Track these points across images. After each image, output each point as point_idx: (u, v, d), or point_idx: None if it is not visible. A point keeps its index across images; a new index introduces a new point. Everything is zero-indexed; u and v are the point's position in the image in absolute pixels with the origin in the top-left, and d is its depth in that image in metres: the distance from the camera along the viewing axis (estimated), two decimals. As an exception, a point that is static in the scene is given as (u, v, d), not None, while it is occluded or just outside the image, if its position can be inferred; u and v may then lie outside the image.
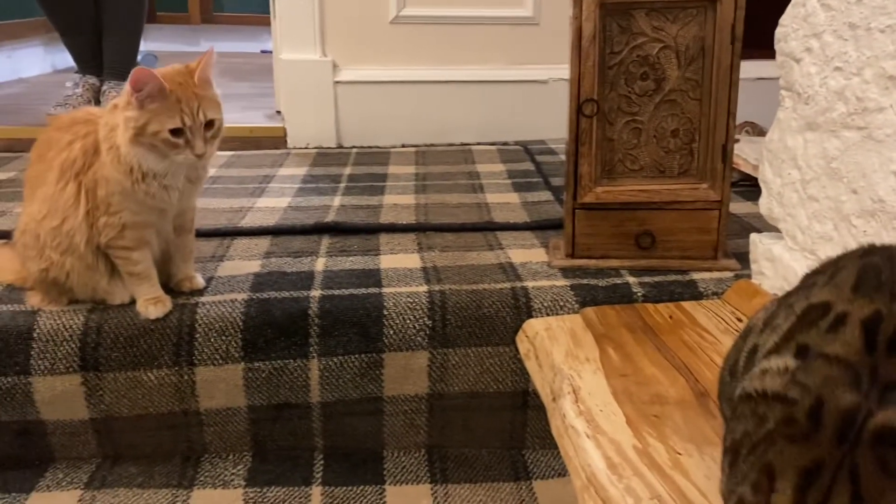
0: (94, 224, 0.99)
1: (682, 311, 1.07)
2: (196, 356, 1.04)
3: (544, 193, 1.59)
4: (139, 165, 0.95)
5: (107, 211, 0.98)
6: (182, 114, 0.93)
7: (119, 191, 0.97)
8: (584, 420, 0.82)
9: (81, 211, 0.98)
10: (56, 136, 1.01)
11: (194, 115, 0.93)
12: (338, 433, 1.11)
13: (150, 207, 0.99)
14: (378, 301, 1.09)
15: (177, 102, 0.93)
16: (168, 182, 0.98)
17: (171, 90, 0.93)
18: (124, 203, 0.98)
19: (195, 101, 0.94)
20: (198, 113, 0.94)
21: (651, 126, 1.15)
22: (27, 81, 3.23)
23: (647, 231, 1.18)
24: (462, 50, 2.10)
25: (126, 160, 0.95)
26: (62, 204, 0.98)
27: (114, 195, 0.97)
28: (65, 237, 0.99)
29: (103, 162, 0.96)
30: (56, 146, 1.00)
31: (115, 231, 0.99)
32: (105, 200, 0.97)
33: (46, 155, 1.01)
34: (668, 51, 1.12)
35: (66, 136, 1.00)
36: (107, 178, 0.97)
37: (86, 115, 1.02)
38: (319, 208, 1.50)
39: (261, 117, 2.25)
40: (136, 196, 0.97)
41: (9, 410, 1.03)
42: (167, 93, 0.92)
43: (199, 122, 0.94)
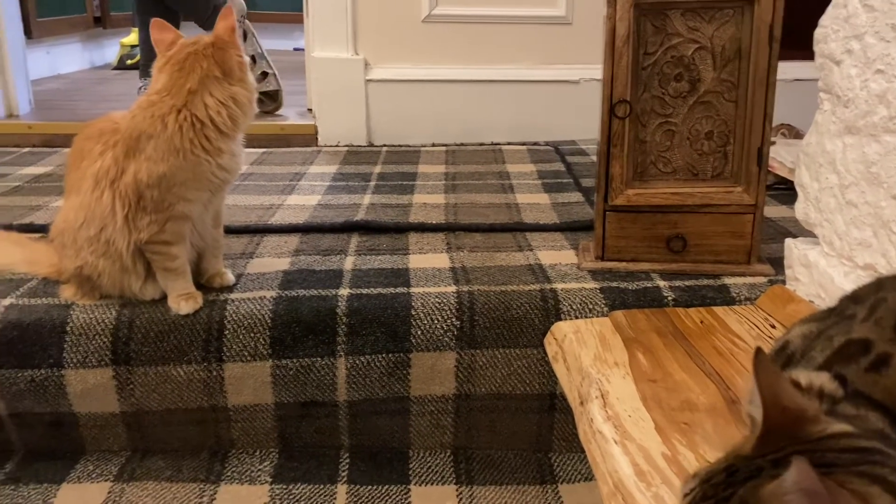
0: (133, 226, 1.00)
1: (714, 316, 1.06)
2: (225, 352, 1.05)
3: (574, 194, 1.57)
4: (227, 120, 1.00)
5: (157, 209, 0.99)
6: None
7: (183, 179, 0.99)
8: (611, 425, 0.81)
9: (120, 216, 0.99)
10: (87, 146, 1.03)
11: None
12: (364, 432, 1.11)
13: (210, 186, 1.02)
14: (406, 301, 1.09)
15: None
16: (235, 147, 1.03)
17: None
18: (182, 192, 1.00)
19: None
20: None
21: (685, 128, 1.13)
22: (65, 78, 3.29)
23: (679, 234, 1.16)
24: (494, 49, 2.09)
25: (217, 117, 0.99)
26: (100, 212, 1.00)
27: (174, 188, 0.99)
28: (103, 244, 1.01)
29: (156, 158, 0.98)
30: (89, 156, 1.02)
31: (157, 227, 1.00)
32: (159, 198, 0.99)
33: (81, 164, 1.03)
34: (703, 52, 1.10)
35: (96, 146, 1.02)
36: (162, 174, 0.98)
37: (111, 125, 1.03)
38: (349, 206, 1.51)
39: (293, 115, 2.26)
40: (206, 175, 1.01)
41: (42, 402, 1.05)
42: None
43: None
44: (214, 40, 1.01)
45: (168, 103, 0.98)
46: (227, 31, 1.02)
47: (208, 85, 0.99)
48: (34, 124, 2.15)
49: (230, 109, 1.00)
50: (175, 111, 0.98)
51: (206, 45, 1.01)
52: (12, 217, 1.43)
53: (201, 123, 0.98)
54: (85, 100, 2.67)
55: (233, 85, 1.01)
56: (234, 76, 1.01)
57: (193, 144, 0.98)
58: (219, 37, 1.01)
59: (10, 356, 1.03)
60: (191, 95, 0.98)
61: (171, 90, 0.98)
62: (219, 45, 1.01)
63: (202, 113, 0.98)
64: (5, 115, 2.18)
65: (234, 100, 1.00)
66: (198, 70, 0.99)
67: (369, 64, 2.08)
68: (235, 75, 1.01)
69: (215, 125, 0.99)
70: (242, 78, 1.02)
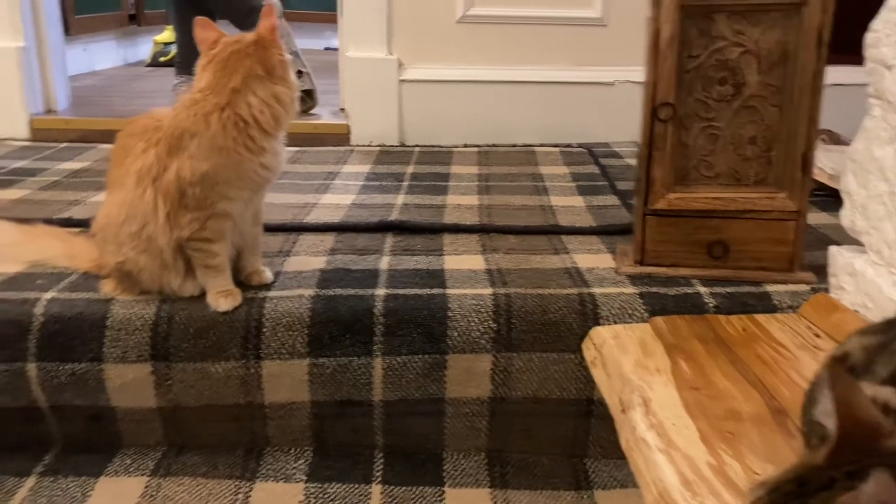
0: (175, 223, 1.01)
1: (756, 324, 1.04)
2: (263, 350, 1.05)
3: (610, 197, 1.56)
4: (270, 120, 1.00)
5: (199, 206, 1.00)
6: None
7: (226, 178, 0.99)
8: (655, 433, 0.79)
9: (161, 214, 1.00)
10: (130, 142, 1.04)
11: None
12: (398, 432, 1.11)
13: (252, 185, 1.03)
14: (443, 302, 1.09)
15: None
16: (277, 146, 1.04)
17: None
18: (228, 190, 1.00)
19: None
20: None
21: (728, 132, 1.12)
22: (100, 74, 3.33)
23: (720, 240, 1.14)
24: (528, 50, 2.08)
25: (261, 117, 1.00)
26: (142, 209, 1.01)
27: (216, 186, 0.99)
28: (144, 240, 1.02)
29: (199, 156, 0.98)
30: (132, 153, 1.03)
31: (199, 224, 1.01)
32: (200, 196, 0.99)
33: (124, 161, 1.04)
34: (748, 55, 1.09)
35: (139, 143, 1.03)
36: (204, 172, 0.98)
37: (154, 122, 1.04)
38: (383, 206, 1.51)
39: (326, 114, 2.27)
40: (248, 173, 1.01)
41: (81, 395, 1.06)
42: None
43: None
44: (257, 39, 1.01)
45: (211, 102, 0.98)
46: (269, 30, 1.02)
47: (251, 84, 0.99)
48: (71, 120, 2.17)
49: (273, 108, 1.00)
50: (219, 110, 0.98)
51: (249, 44, 1.01)
52: (52, 211, 1.45)
53: (244, 122, 0.98)
54: (120, 96, 2.70)
55: (275, 84, 1.01)
56: (277, 75, 1.01)
57: (237, 143, 0.98)
58: (261, 35, 1.02)
59: (51, 349, 1.04)
60: (234, 94, 0.98)
61: (215, 89, 0.99)
62: (261, 43, 1.01)
63: (245, 112, 0.98)
64: (44, 110, 2.21)
65: (276, 98, 1.01)
66: (241, 69, 0.99)
67: (403, 64, 2.08)
68: (278, 74, 1.01)
69: (258, 124, 0.99)
70: (284, 77, 1.03)
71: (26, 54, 2.11)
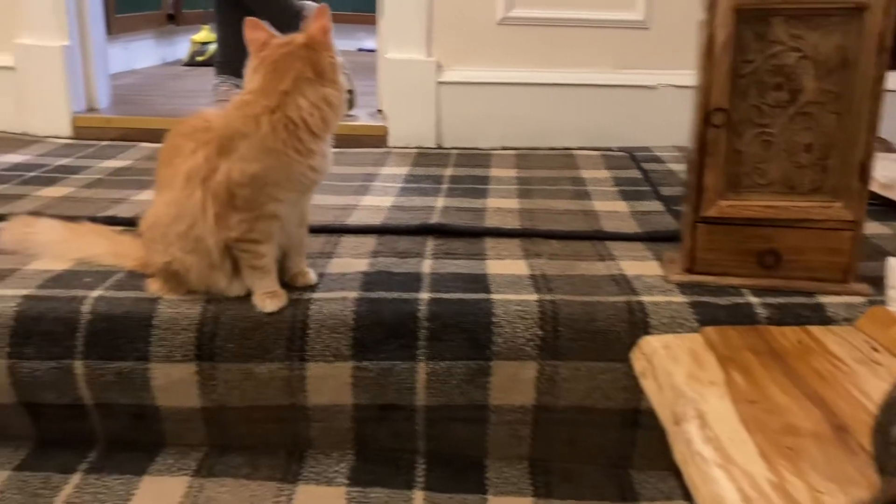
0: (223, 224, 1.01)
1: (811, 336, 1.01)
2: (307, 352, 1.05)
3: (654, 203, 1.54)
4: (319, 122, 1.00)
5: (248, 207, 0.99)
6: None
7: (275, 180, 0.99)
8: (712, 448, 0.77)
9: (210, 214, 1.00)
10: (180, 142, 1.04)
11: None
12: (441, 438, 1.10)
13: (300, 187, 1.03)
14: (487, 307, 1.07)
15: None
16: (326, 148, 1.03)
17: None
18: (276, 192, 1.00)
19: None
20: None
21: (782, 139, 1.09)
22: (139, 73, 3.37)
23: (772, 249, 1.12)
24: (569, 52, 2.06)
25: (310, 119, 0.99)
26: (190, 209, 1.01)
27: (266, 187, 0.99)
28: (192, 240, 1.02)
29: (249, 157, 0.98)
30: (181, 153, 1.03)
31: (247, 225, 1.01)
32: (250, 197, 0.99)
33: (173, 161, 1.04)
34: (806, 61, 1.06)
35: (189, 143, 1.03)
36: (254, 174, 0.98)
37: (203, 123, 1.04)
38: (423, 209, 1.50)
39: (363, 115, 2.27)
40: (297, 176, 1.01)
41: (127, 394, 1.07)
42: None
43: None
44: (308, 41, 1.01)
45: (262, 104, 0.98)
46: (320, 32, 1.02)
47: (301, 86, 0.99)
48: (113, 118, 2.20)
49: (322, 111, 1.00)
50: (269, 112, 0.98)
51: (299, 46, 1.01)
52: (95, 209, 1.46)
53: (294, 125, 0.98)
54: (160, 95, 2.72)
55: (325, 86, 1.01)
56: (327, 77, 1.01)
57: (286, 145, 0.98)
58: (312, 37, 1.01)
59: (98, 347, 1.05)
60: (284, 96, 0.98)
61: (265, 91, 0.99)
62: (312, 45, 1.01)
63: (295, 114, 0.98)
64: (86, 108, 2.24)
65: (326, 101, 1.00)
66: (291, 71, 0.99)
67: (442, 66, 2.07)
68: (328, 76, 1.01)
69: (308, 126, 0.99)
70: (334, 79, 1.02)
71: (70, 53, 2.14)
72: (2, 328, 1.05)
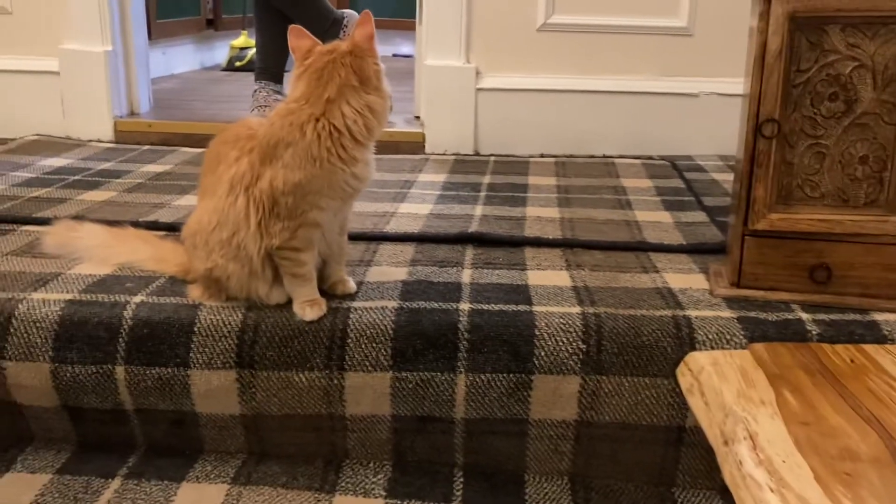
0: (266, 232, 1.00)
1: (865, 354, 0.98)
2: (347, 361, 1.04)
3: (698, 214, 1.50)
4: (363, 129, 1.00)
5: (290, 215, 0.99)
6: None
7: (318, 188, 0.99)
8: (764, 471, 0.75)
9: (253, 222, 1.00)
10: (224, 150, 1.04)
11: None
12: (479, 451, 1.08)
13: (342, 194, 1.02)
14: (529, 319, 1.06)
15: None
16: (369, 156, 1.03)
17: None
18: (319, 200, 1.00)
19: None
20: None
21: (837, 151, 1.06)
22: (179, 77, 3.41)
23: (824, 264, 1.08)
24: (609, 59, 2.04)
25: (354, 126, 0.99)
26: (233, 217, 1.01)
27: (308, 195, 0.99)
28: (234, 248, 1.02)
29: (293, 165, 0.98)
30: (225, 161, 1.03)
31: (289, 233, 1.00)
32: (293, 205, 0.99)
33: (216, 168, 1.04)
34: (862, 70, 1.03)
35: (232, 151, 1.03)
36: (297, 182, 0.98)
37: (247, 131, 1.04)
38: (461, 217, 1.49)
39: (400, 122, 2.26)
40: (340, 184, 1.00)
41: (166, 400, 1.07)
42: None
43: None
44: (352, 48, 1.01)
45: (306, 112, 0.98)
46: (365, 39, 1.01)
47: (346, 94, 0.98)
48: (154, 122, 2.22)
49: (366, 119, 0.99)
50: (313, 120, 0.97)
51: (343, 54, 1.00)
52: (137, 214, 1.47)
53: (339, 133, 0.97)
54: (199, 100, 2.75)
55: (369, 94, 1.00)
56: (371, 85, 1.00)
57: (330, 153, 0.97)
58: (357, 45, 1.01)
59: (139, 353, 1.05)
60: (329, 104, 0.98)
61: (310, 99, 0.98)
62: (356, 53, 1.00)
63: (339, 122, 0.98)
64: (127, 112, 2.27)
65: (370, 109, 1.00)
66: (336, 79, 0.98)
67: (480, 72, 2.06)
68: (372, 84, 1.00)
69: (352, 134, 0.98)
70: (378, 86, 1.01)
71: (114, 58, 2.17)
72: (46, 332, 1.06)
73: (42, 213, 1.46)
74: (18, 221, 1.42)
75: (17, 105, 2.18)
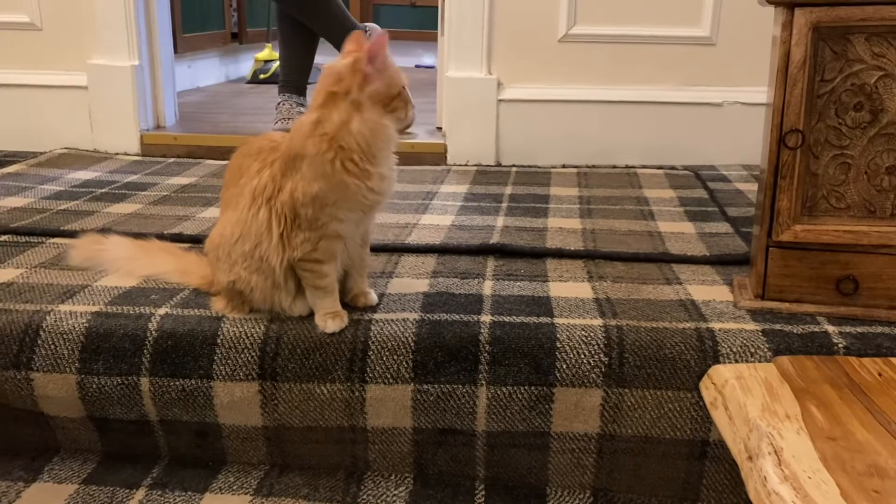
0: (288, 244, 1.01)
1: (893, 368, 0.96)
2: (368, 373, 1.04)
3: (722, 224, 1.49)
4: (369, 147, 0.99)
5: (310, 227, 1.00)
6: (400, 75, 1.01)
7: (334, 200, 0.99)
8: (790, 487, 0.74)
9: (275, 233, 1.01)
10: (246, 162, 1.05)
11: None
12: (501, 464, 1.08)
13: (361, 208, 1.02)
14: (551, 332, 1.05)
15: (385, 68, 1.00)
16: (385, 170, 1.02)
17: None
18: (335, 212, 1.00)
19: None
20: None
21: (862, 161, 1.05)
22: (204, 91, 3.45)
23: (850, 276, 1.07)
24: (631, 70, 2.03)
25: (360, 144, 0.98)
26: (255, 229, 1.02)
27: (325, 207, 0.99)
28: (257, 259, 1.03)
29: (310, 177, 0.98)
30: (247, 173, 1.04)
31: (311, 245, 1.01)
32: (313, 216, 1.00)
33: (239, 181, 1.05)
34: (888, 79, 1.02)
35: (255, 163, 1.04)
36: (315, 195, 0.99)
37: (270, 143, 1.05)
38: (483, 228, 1.49)
39: (421, 133, 2.27)
40: (356, 196, 1.00)
41: (190, 411, 1.08)
42: (387, 60, 1.00)
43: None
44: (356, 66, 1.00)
45: (313, 126, 0.98)
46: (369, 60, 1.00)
47: (351, 110, 0.98)
48: (179, 135, 2.25)
49: (372, 136, 0.99)
50: (319, 135, 0.98)
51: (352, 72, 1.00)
52: (162, 226, 1.49)
53: (343, 149, 0.98)
54: (224, 112, 2.78)
55: (371, 113, 1.00)
56: (380, 103, 1.00)
57: (335, 167, 0.98)
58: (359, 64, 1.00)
59: (164, 364, 1.06)
60: (332, 119, 0.98)
61: (321, 113, 0.99)
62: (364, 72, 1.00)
63: (345, 139, 0.98)
64: (154, 125, 2.30)
65: (372, 128, 0.99)
66: (342, 96, 0.98)
67: (502, 83, 2.07)
68: (380, 103, 1.00)
69: (360, 149, 0.98)
70: (384, 107, 1.01)
71: (140, 72, 2.20)
72: (73, 343, 1.08)
73: (70, 225, 1.48)
74: (47, 234, 1.44)
75: (46, 119, 2.22)
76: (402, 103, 1.01)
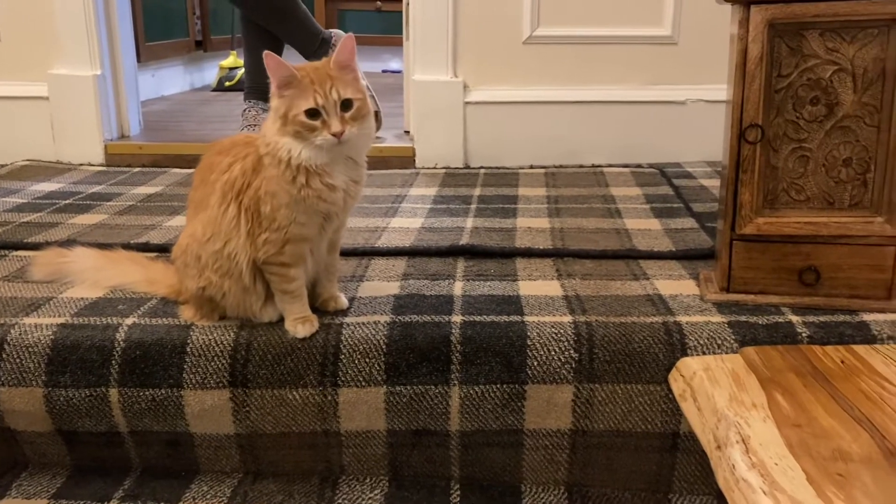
0: (254, 242, 1.01)
1: (855, 355, 0.98)
2: (340, 377, 1.04)
3: (687, 220, 1.51)
4: (294, 159, 0.96)
5: (270, 227, 1.00)
6: (315, 94, 0.94)
7: (286, 202, 0.98)
8: (757, 474, 0.75)
9: (243, 230, 1.00)
10: (217, 159, 1.04)
11: (327, 94, 0.95)
12: (475, 464, 1.08)
13: (316, 214, 1.00)
14: (521, 330, 1.06)
15: (310, 84, 0.95)
16: (331, 180, 0.99)
17: (305, 75, 0.96)
18: (291, 215, 0.99)
19: (328, 82, 0.95)
20: (331, 92, 0.95)
21: (820, 154, 1.07)
22: (169, 99, 3.42)
23: (812, 266, 1.09)
24: (595, 70, 2.05)
25: (281, 156, 0.96)
26: (225, 226, 1.01)
27: (280, 209, 0.99)
28: (226, 260, 1.02)
29: (269, 176, 0.98)
30: (217, 169, 1.03)
31: (275, 248, 1.00)
32: (270, 216, 0.99)
33: (208, 178, 1.04)
34: (843, 74, 1.04)
35: (226, 158, 1.03)
36: (273, 192, 0.98)
37: (245, 139, 1.05)
38: (452, 230, 1.49)
39: (390, 137, 2.27)
40: (304, 202, 0.98)
41: (160, 421, 1.07)
42: (299, 78, 0.95)
43: (333, 101, 0.95)
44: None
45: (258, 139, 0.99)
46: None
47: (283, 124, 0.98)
48: (144, 145, 2.23)
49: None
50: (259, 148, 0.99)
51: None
52: (129, 236, 1.47)
53: (279, 159, 0.97)
54: (190, 121, 2.76)
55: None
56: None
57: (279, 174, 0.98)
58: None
59: (132, 375, 1.05)
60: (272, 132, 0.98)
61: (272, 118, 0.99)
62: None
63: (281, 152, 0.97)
64: (118, 135, 2.28)
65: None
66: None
67: (468, 86, 2.08)
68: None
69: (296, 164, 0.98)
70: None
71: (103, 82, 2.18)
72: (38, 356, 1.06)
73: (33, 237, 1.46)
74: (9, 247, 1.42)
75: (7, 131, 2.18)
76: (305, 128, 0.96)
